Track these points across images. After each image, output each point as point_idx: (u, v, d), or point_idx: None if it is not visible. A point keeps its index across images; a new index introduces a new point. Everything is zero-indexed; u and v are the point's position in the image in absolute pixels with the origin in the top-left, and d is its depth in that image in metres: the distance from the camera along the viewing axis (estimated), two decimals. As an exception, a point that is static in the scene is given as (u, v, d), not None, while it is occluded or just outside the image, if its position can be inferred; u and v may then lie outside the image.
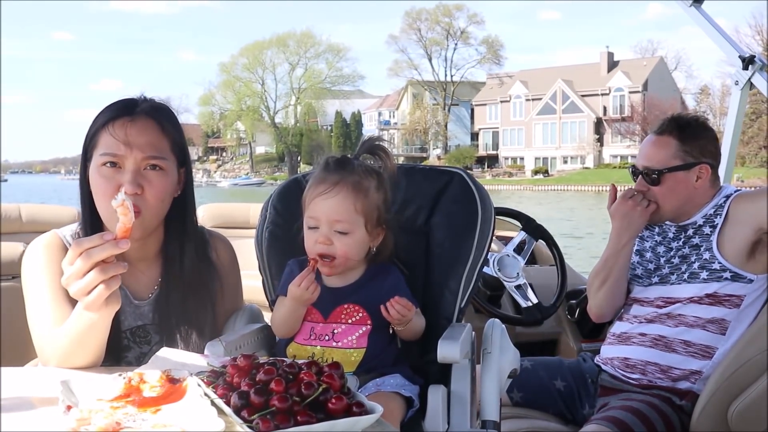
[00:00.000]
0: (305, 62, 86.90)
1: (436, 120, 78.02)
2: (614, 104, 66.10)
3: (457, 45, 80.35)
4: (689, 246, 2.66)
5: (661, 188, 2.64)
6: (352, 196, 1.82)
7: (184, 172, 1.94)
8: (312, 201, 1.86)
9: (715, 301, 2.56)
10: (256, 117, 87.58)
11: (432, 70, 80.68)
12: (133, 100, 1.90)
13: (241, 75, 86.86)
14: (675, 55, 76.95)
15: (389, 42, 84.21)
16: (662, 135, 2.68)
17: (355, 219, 1.83)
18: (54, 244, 1.90)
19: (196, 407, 1.23)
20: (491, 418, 1.91)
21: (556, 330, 3.82)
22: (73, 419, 1.19)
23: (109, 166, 1.81)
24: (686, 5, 3.60)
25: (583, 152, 65.86)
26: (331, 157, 1.91)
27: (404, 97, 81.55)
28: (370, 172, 1.88)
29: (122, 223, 1.51)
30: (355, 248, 1.85)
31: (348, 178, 1.84)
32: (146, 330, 1.93)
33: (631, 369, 2.63)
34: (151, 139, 1.83)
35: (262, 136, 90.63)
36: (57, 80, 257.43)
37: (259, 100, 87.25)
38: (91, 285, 1.51)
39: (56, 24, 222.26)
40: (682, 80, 73.18)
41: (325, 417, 1.19)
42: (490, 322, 2.03)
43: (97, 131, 1.85)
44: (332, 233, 1.82)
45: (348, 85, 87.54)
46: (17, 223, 3.95)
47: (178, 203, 1.93)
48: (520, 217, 3.54)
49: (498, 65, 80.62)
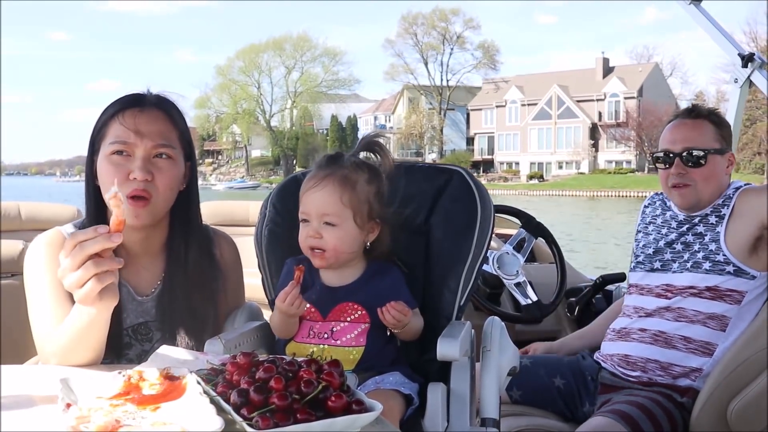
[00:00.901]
0: (301, 66, 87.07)
1: (432, 124, 78.00)
2: (609, 110, 66.15)
3: (453, 49, 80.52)
4: (693, 234, 2.67)
5: (704, 170, 2.64)
6: (339, 189, 1.85)
7: (189, 166, 1.95)
8: (303, 195, 1.90)
9: (715, 296, 2.56)
10: (252, 120, 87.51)
11: (428, 74, 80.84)
12: (141, 94, 1.92)
13: (237, 78, 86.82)
14: (670, 61, 77.61)
15: (385, 46, 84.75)
16: (697, 119, 2.70)
17: (342, 211, 1.85)
18: (56, 241, 1.89)
19: (196, 405, 1.23)
20: (491, 415, 1.91)
21: (555, 328, 3.82)
22: (73, 417, 1.19)
23: (119, 154, 1.82)
24: (685, 3, 3.60)
25: (579, 157, 65.91)
26: (326, 155, 1.94)
27: (400, 101, 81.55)
28: (361, 166, 1.90)
29: (115, 216, 1.50)
30: (345, 240, 1.86)
31: (337, 172, 1.87)
32: (148, 327, 1.93)
33: (632, 366, 2.63)
34: (160, 128, 1.85)
35: (258, 140, 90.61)
36: (53, 81, 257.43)
37: (255, 103, 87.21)
38: (84, 278, 1.51)
39: (53, 24, 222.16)
40: (678, 86, 73.38)
41: (324, 415, 1.19)
42: (489, 320, 2.03)
43: (105, 122, 1.86)
44: (321, 226, 1.85)
45: (344, 89, 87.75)
46: (17, 221, 3.96)
47: (183, 197, 1.94)
48: (519, 214, 3.54)
49: (494, 70, 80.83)
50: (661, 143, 2.74)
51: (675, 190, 2.70)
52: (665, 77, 70.40)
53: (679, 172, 2.66)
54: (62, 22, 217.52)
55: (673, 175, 2.67)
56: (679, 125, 2.74)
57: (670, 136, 2.73)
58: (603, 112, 66.43)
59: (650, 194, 2.98)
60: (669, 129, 2.77)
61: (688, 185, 2.66)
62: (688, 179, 2.65)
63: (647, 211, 2.94)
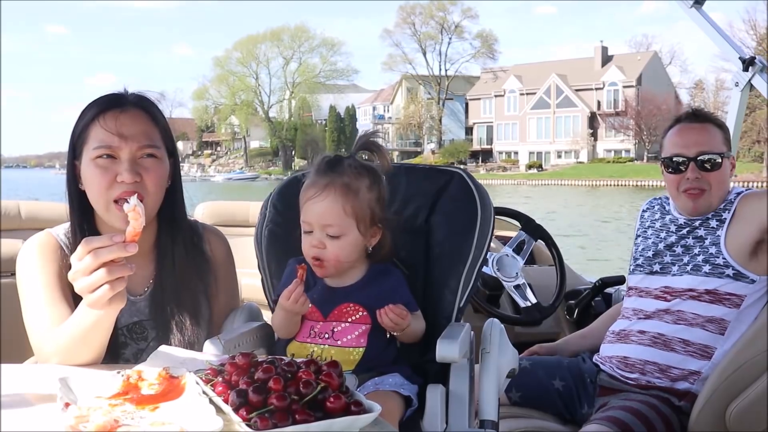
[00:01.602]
0: (299, 56, 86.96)
1: (431, 114, 77.99)
2: (608, 99, 66.16)
3: (452, 39, 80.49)
4: (693, 237, 2.67)
5: (718, 174, 2.64)
6: (341, 199, 1.81)
7: (173, 162, 1.95)
8: (304, 205, 1.86)
9: (714, 299, 2.56)
10: (251, 111, 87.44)
11: (426, 64, 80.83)
12: (119, 93, 1.90)
13: (235, 69, 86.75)
14: (669, 49, 77.37)
15: (383, 36, 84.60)
16: (705, 123, 2.70)
17: (346, 222, 1.82)
18: (47, 243, 1.91)
19: (195, 405, 1.23)
20: (490, 417, 1.92)
21: (554, 330, 3.81)
22: (72, 416, 1.19)
23: (104, 158, 1.81)
24: (687, 6, 3.58)
25: (577, 147, 65.93)
26: (324, 158, 1.89)
27: (398, 91, 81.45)
28: (362, 171, 1.86)
29: (132, 227, 1.52)
30: (347, 250, 1.84)
31: (337, 180, 1.83)
32: (143, 326, 1.94)
33: (630, 368, 2.62)
34: (143, 128, 1.85)
35: (256, 131, 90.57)
36: (51, 74, 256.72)
37: (253, 94, 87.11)
38: (97, 284, 1.52)
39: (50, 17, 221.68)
40: (677, 75, 73.35)
41: (323, 416, 1.19)
42: (489, 322, 2.03)
43: (86, 126, 1.85)
44: (324, 237, 1.82)
45: (342, 80, 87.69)
46: (17, 220, 3.96)
47: (169, 194, 1.93)
48: (519, 217, 3.53)
49: (492, 59, 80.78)
50: (670, 147, 2.70)
51: (687, 195, 2.66)
52: (664, 66, 70.37)
53: (696, 176, 2.63)
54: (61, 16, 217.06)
55: (688, 179, 2.64)
56: (687, 129, 2.71)
57: (680, 141, 2.69)
58: (602, 101, 66.46)
59: (647, 182, 2.97)
60: (676, 133, 2.73)
61: (704, 190, 2.64)
62: (703, 183, 2.63)
63: (646, 215, 2.93)
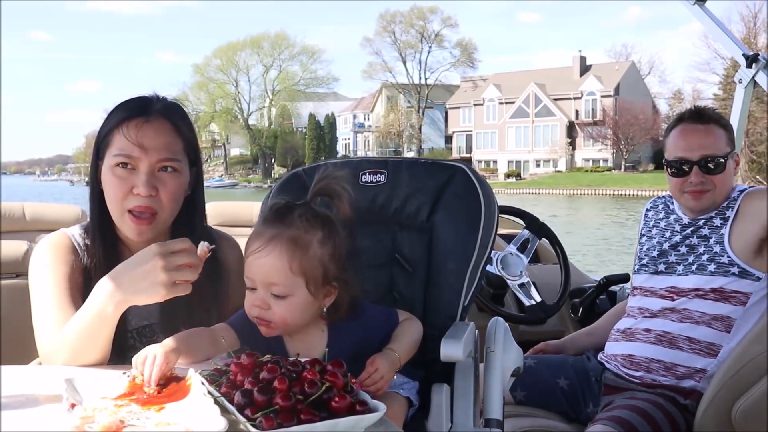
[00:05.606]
0: (279, 64, 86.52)
1: (411, 123, 77.94)
2: (586, 108, 66.43)
3: (432, 48, 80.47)
4: (697, 236, 2.68)
5: (722, 175, 2.65)
6: (288, 255, 1.59)
7: (194, 171, 1.95)
8: (247, 259, 1.66)
9: (720, 297, 2.57)
10: (230, 119, 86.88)
11: (406, 72, 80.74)
12: (147, 99, 1.89)
13: (214, 76, 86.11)
14: (649, 59, 77.82)
15: (363, 44, 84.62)
16: (707, 124, 2.69)
17: (292, 281, 1.60)
18: (61, 243, 1.89)
19: (200, 405, 1.25)
20: (494, 416, 1.92)
21: (559, 328, 3.81)
22: (77, 417, 1.20)
23: (123, 167, 1.82)
24: (689, 4, 3.57)
25: (556, 156, 66.13)
26: (274, 206, 1.69)
27: (379, 99, 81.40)
28: (314, 222, 1.64)
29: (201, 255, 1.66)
30: (296, 312, 1.62)
31: (284, 233, 1.61)
32: (152, 329, 1.94)
33: (635, 366, 2.63)
34: (165, 140, 1.84)
35: (236, 138, 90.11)
36: (33, 80, 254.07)
37: (232, 101, 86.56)
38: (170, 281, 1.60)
39: (33, 23, 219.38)
40: (656, 85, 73.75)
41: (328, 415, 1.21)
42: (493, 321, 2.03)
43: (110, 130, 1.85)
44: (269, 296, 1.61)
45: (322, 87, 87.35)
46: (21, 222, 3.95)
47: (188, 203, 1.94)
48: (523, 215, 3.50)
49: (472, 68, 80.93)
50: (673, 149, 2.70)
51: (690, 195, 2.67)
52: (642, 76, 70.77)
53: (700, 180, 2.64)
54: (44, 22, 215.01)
55: (692, 182, 2.65)
56: (690, 131, 2.70)
57: (683, 143, 2.68)
58: (580, 110, 66.72)
59: (625, 191, 2.98)
60: (679, 134, 2.71)
61: (708, 190, 2.65)
62: (707, 185, 2.65)
63: (650, 214, 2.93)
